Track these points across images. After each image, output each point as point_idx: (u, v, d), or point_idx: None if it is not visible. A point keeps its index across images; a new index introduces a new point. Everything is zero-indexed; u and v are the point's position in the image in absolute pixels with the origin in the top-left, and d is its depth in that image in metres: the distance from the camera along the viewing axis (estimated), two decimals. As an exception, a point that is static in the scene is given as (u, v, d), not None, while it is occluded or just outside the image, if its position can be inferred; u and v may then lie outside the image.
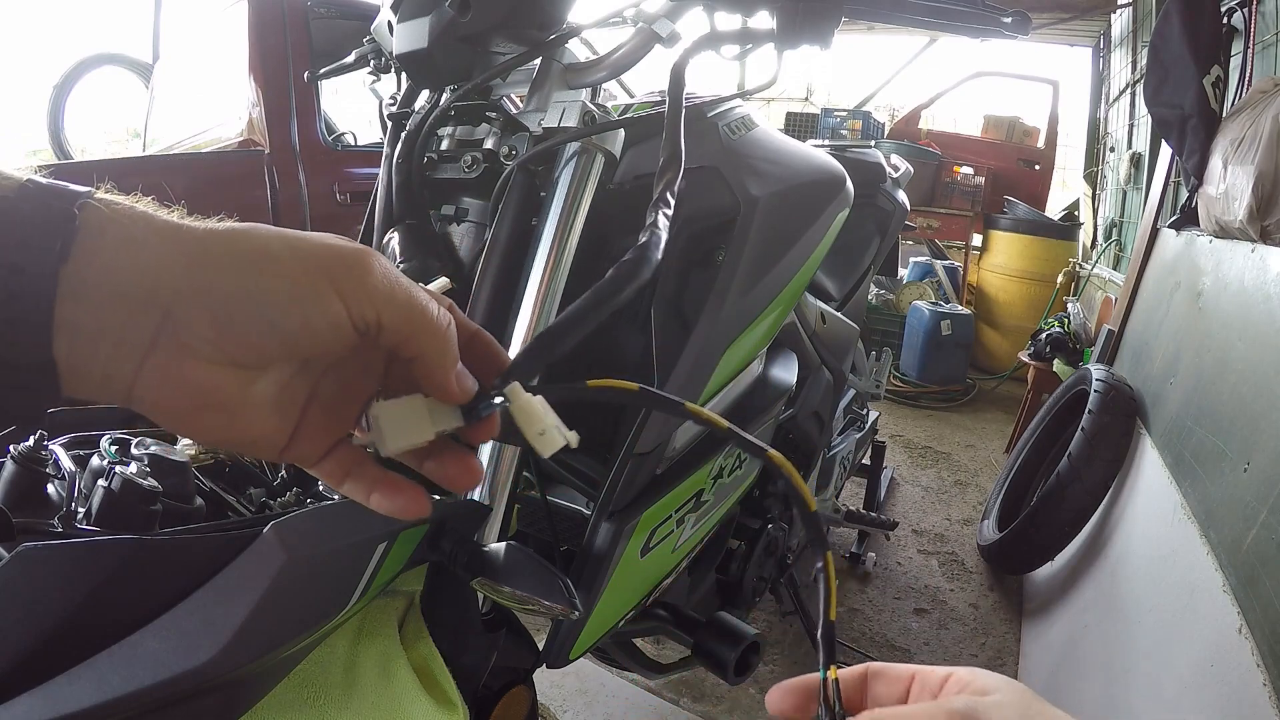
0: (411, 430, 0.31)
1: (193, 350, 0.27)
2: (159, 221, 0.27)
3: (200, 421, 0.28)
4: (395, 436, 0.31)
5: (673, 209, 0.50)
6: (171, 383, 0.27)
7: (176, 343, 0.27)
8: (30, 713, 0.30)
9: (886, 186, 1.63)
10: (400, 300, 0.29)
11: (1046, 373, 2.83)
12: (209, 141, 2.19)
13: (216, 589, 0.37)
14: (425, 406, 0.31)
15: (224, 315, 0.27)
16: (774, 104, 6.25)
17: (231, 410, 0.28)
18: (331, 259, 0.28)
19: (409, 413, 0.31)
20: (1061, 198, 5.49)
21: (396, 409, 0.31)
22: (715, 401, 0.85)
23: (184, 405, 0.28)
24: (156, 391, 0.27)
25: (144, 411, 0.28)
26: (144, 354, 0.27)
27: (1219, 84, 1.71)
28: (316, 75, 0.98)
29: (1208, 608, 1.08)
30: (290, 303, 0.27)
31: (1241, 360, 1.31)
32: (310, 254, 0.28)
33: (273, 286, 0.27)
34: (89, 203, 0.26)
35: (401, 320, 0.29)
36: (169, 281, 0.26)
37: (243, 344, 0.27)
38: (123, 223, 0.26)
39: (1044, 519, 1.78)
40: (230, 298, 0.27)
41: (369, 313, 0.29)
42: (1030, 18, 0.76)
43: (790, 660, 1.60)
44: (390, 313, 0.29)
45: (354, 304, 0.28)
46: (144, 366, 0.27)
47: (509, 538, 0.63)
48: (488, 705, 0.68)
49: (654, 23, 0.68)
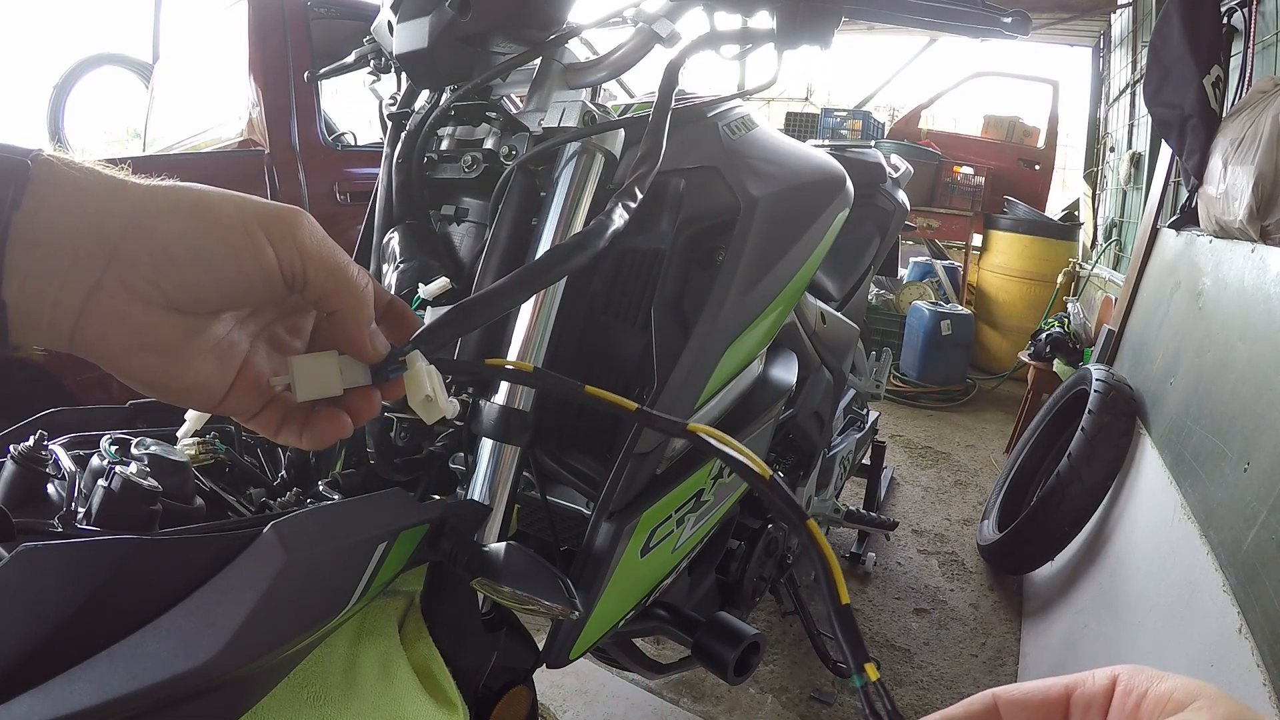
0: (323, 383, 0.34)
1: (135, 291, 0.29)
2: (105, 175, 0.29)
3: (139, 362, 0.30)
4: (307, 387, 0.34)
5: (636, 203, 0.50)
6: (113, 321, 0.29)
7: (120, 283, 0.28)
8: (30, 713, 0.30)
9: (886, 186, 1.63)
10: (326, 257, 0.32)
11: (1046, 373, 2.83)
12: (209, 141, 2.18)
13: (216, 589, 0.37)
14: (337, 364, 0.35)
15: (164, 258, 0.29)
16: (774, 104, 6.26)
17: (170, 354, 0.30)
18: (265, 213, 0.31)
19: (322, 367, 0.34)
20: (1061, 198, 5.49)
21: (311, 363, 0.34)
22: (715, 401, 0.85)
23: (124, 344, 0.29)
24: (98, 330, 0.29)
25: (85, 353, 0.29)
26: (88, 293, 0.28)
27: (1219, 84, 1.71)
28: (316, 75, 0.98)
29: (1208, 608, 1.08)
30: (226, 248, 0.30)
31: (1241, 360, 1.31)
32: (246, 207, 0.31)
33: (211, 233, 0.29)
34: (41, 156, 0.27)
35: (325, 276, 0.32)
36: (115, 227, 0.28)
37: (181, 287, 0.29)
38: (74, 175, 0.28)
39: (1044, 519, 1.78)
40: (170, 241, 0.29)
41: (297, 265, 0.31)
42: (1030, 18, 0.76)
43: (790, 660, 1.60)
44: (315, 268, 0.32)
45: (284, 255, 0.31)
46: (88, 306, 0.28)
47: (509, 538, 0.63)
48: (488, 705, 0.68)
49: (654, 23, 0.68)
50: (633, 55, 0.69)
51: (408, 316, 0.38)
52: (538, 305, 0.66)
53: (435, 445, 0.70)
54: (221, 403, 0.33)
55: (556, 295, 0.67)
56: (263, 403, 0.34)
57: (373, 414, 0.36)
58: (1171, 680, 0.22)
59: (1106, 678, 0.23)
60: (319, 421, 0.35)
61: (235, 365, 0.33)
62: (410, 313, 0.38)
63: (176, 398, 0.32)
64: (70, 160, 0.28)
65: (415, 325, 0.38)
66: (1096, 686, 0.23)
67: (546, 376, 0.36)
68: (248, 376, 0.33)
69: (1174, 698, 0.21)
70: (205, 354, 0.31)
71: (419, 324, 0.38)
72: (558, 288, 0.67)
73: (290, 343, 0.36)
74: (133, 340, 0.29)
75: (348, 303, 0.33)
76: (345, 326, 0.34)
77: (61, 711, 0.30)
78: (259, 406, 0.34)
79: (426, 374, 0.36)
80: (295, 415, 0.35)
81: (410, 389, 0.36)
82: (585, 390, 0.35)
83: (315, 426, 0.35)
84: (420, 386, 0.36)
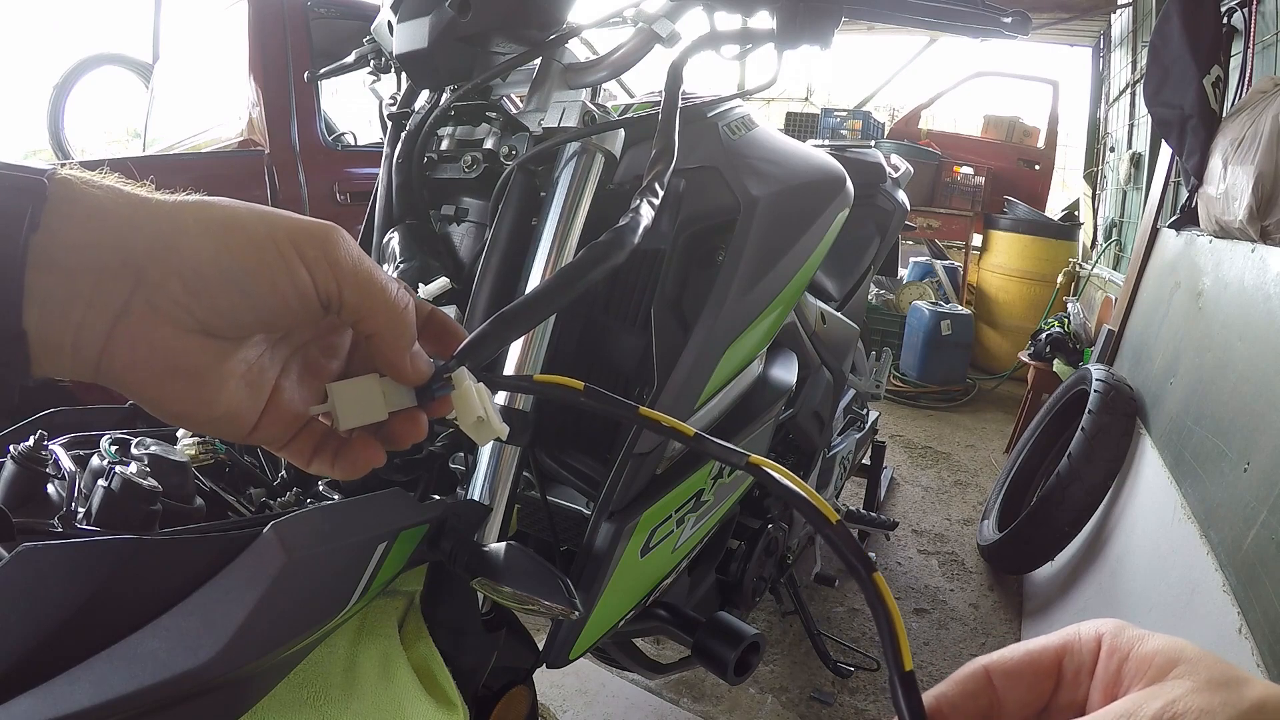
0: (366, 409, 0.32)
1: (165, 314, 0.27)
2: (128, 193, 0.27)
3: (169, 390, 0.28)
4: (350, 414, 0.32)
5: (660, 200, 0.50)
6: (142, 348, 0.27)
7: (148, 306, 0.27)
8: (30, 713, 0.30)
9: (886, 186, 1.63)
10: (362, 276, 0.30)
11: (1046, 373, 2.83)
12: (209, 141, 2.19)
13: (216, 589, 0.37)
14: (380, 386, 0.32)
15: (195, 279, 0.27)
16: (774, 104, 6.26)
17: (200, 380, 0.29)
18: (299, 231, 0.29)
19: (364, 392, 0.32)
20: (1061, 198, 5.49)
21: (352, 388, 0.32)
22: (715, 401, 0.85)
23: (153, 371, 0.28)
24: (126, 357, 0.27)
25: (112, 382, 0.28)
26: (115, 319, 0.27)
27: (1219, 84, 1.71)
28: (316, 75, 0.98)
29: (1208, 608, 1.08)
30: (260, 269, 0.28)
31: (1241, 360, 1.31)
32: (279, 225, 0.29)
33: (243, 253, 0.28)
34: (58, 174, 0.26)
35: (361, 296, 0.30)
36: (142, 247, 0.26)
37: (213, 310, 0.28)
38: (93, 193, 0.26)
39: (1044, 519, 1.78)
40: (202, 263, 0.27)
41: (332, 285, 0.29)
42: (1030, 18, 0.76)
43: (790, 660, 1.60)
44: (352, 287, 0.30)
45: (319, 275, 0.29)
46: (114, 332, 0.27)
47: (509, 538, 0.63)
48: (488, 705, 0.68)
49: (654, 23, 0.68)
50: (633, 55, 0.69)
51: (450, 329, 0.35)
52: (538, 305, 0.65)
53: (435, 445, 0.70)
54: (253, 432, 0.31)
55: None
56: (294, 430, 0.33)
57: (419, 438, 0.34)
58: (1153, 641, 0.22)
59: (1093, 638, 0.23)
60: (353, 450, 0.33)
61: (266, 391, 0.31)
62: (454, 325, 0.35)
63: (207, 428, 0.30)
64: (89, 178, 0.27)
65: (459, 338, 0.35)
66: (1085, 649, 0.23)
67: (599, 395, 0.33)
68: (279, 403, 0.32)
69: (1155, 662, 0.22)
70: (237, 380, 0.30)
71: (463, 336, 0.35)
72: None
73: (326, 364, 0.34)
74: (163, 366, 0.28)
75: (386, 324, 0.31)
76: (384, 349, 0.31)
77: (61, 711, 0.30)
78: (290, 435, 0.33)
79: (476, 393, 0.33)
80: (329, 443, 0.33)
81: (460, 411, 0.33)
82: (639, 412, 0.32)
83: (349, 455, 0.33)
84: (471, 407, 0.33)
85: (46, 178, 0.25)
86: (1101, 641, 0.23)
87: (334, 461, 0.33)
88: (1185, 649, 0.22)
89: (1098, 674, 0.23)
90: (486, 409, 0.33)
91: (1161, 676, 0.21)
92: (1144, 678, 0.22)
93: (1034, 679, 0.24)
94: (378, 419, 0.32)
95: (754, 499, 1.12)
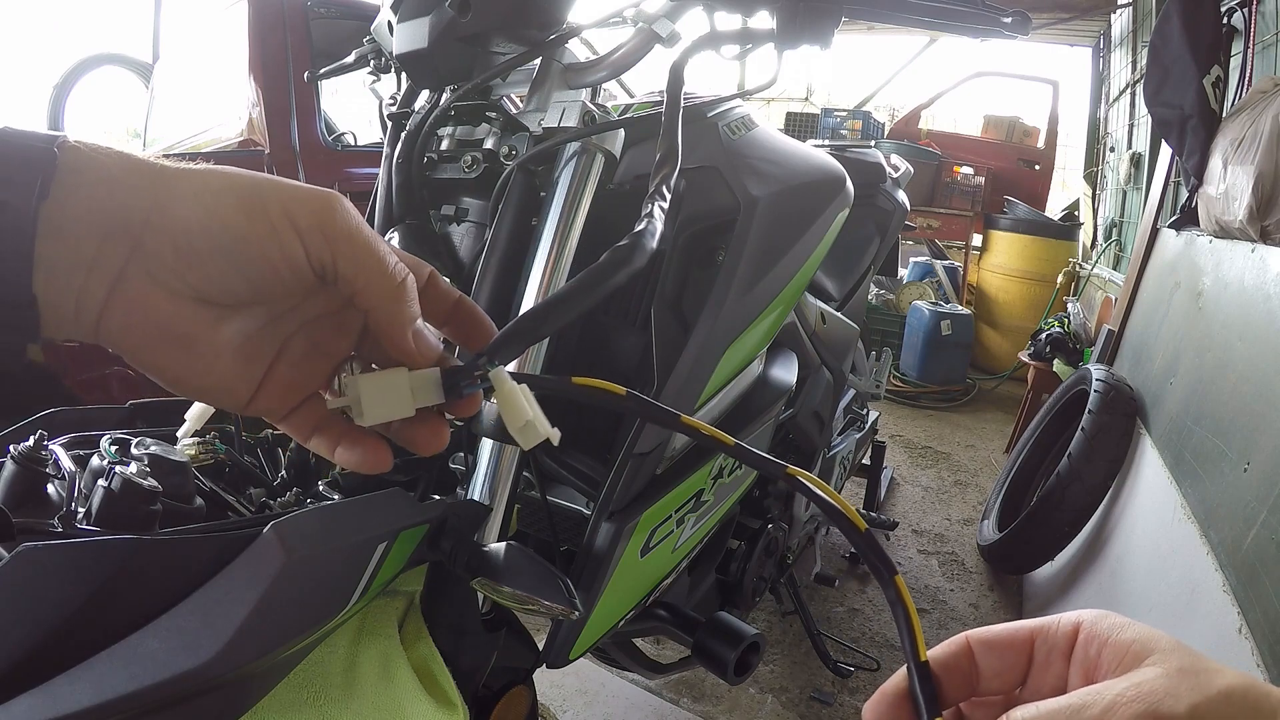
0: (392, 404, 0.31)
1: (159, 280, 0.27)
2: (136, 160, 0.27)
3: (162, 355, 0.28)
4: (375, 409, 0.30)
5: (669, 202, 0.50)
6: (136, 313, 0.27)
7: (143, 272, 0.27)
8: (30, 713, 0.30)
9: (886, 186, 1.63)
10: (359, 246, 0.29)
11: (1046, 373, 2.83)
12: (209, 141, 2.19)
13: (216, 589, 0.37)
14: (407, 381, 0.31)
15: (186, 246, 0.27)
16: (774, 104, 6.26)
17: (193, 347, 0.28)
18: (293, 199, 0.28)
19: (391, 386, 0.31)
20: (1061, 198, 5.50)
21: (378, 381, 0.31)
22: (715, 401, 0.85)
23: (147, 336, 0.28)
24: (122, 321, 0.27)
25: (110, 344, 0.28)
26: (113, 284, 0.27)
27: (1219, 84, 1.71)
28: (316, 75, 0.98)
29: (1208, 608, 1.08)
30: (250, 237, 0.28)
31: (1241, 360, 1.31)
32: (273, 192, 0.28)
33: (233, 220, 0.27)
34: (68, 143, 0.26)
35: (356, 267, 0.29)
36: (139, 214, 0.27)
37: (205, 277, 0.28)
38: (101, 161, 0.27)
39: (1044, 519, 1.78)
40: (192, 229, 0.27)
41: (325, 254, 0.29)
42: (1030, 18, 0.76)
43: (790, 660, 1.60)
44: (346, 258, 0.29)
45: (312, 244, 0.28)
46: (112, 296, 0.27)
47: (509, 538, 0.63)
48: (488, 705, 0.68)
49: (654, 23, 0.68)
50: (633, 55, 0.69)
51: (478, 319, 0.33)
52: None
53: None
54: (250, 403, 0.31)
55: (556, 295, 0.67)
56: (293, 405, 0.32)
57: (439, 448, 0.32)
58: (1131, 630, 0.23)
59: (1071, 624, 0.25)
60: (360, 446, 0.32)
61: (265, 363, 0.30)
62: (482, 315, 0.33)
63: (202, 396, 0.30)
64: (96, 145, 0.27)
65: (489, 331, 0.33)
66: (1060, 632, 0.25)
67: (640, 401, 0.32)
68: (279, 376, 0.31)
69: (1131, 650, 0.23)
70: (233, 349, 0.29)
71: (491, 328, 0.33)
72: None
73: (336, 342, 0.32)
74: (157, 331, 0.28)
75: (380, 297, 0.29)
76: (383, 324, 0.30)
77: (61, 711, 0.30)
78: (288, 409, 0.32)
79: (524, 397, 0.31)
80: (333, 425, 0.32)
81: (508, 413, 0.31)
82: (681, 420, 0.31)
83: (354, 449, 0.32)
84: (519, 410, 0.31)
85: (56, 146, 0.26)
86: (1080, 628, 0.24)
87: (334, 448, 0.32)
88: (1160, 639, 0.23)
89: (1075, 658, 0.24)
90: (535, 411, 0.31)
91: (1136, 664, 0.22)
92: (1119, 664, 0.23)
93: (1007, 653, 0.26)
94: (404, 415, 0.31)
95: (754, 499, 1.12)
